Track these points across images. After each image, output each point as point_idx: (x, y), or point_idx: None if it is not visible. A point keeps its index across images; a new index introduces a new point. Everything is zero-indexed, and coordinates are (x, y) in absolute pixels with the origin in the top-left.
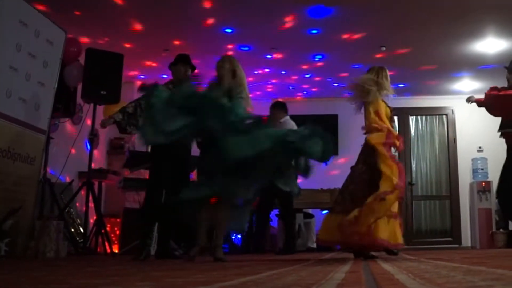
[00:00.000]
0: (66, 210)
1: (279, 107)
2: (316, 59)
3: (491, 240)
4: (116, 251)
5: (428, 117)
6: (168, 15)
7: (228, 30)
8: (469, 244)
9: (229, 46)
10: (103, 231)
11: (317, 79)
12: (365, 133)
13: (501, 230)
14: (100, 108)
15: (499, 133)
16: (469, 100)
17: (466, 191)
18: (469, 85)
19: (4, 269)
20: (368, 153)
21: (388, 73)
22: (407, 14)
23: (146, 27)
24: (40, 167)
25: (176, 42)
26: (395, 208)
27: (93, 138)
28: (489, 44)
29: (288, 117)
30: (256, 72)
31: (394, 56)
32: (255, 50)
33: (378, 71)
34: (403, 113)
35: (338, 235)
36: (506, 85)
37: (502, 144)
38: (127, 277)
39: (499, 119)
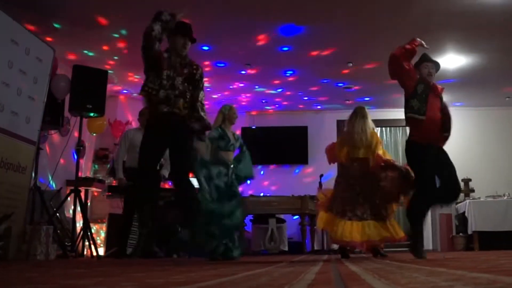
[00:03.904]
0: (55, 216)
1: None
2: (288, 74)
3: (451, 243)
4: (102, 254)
5: (392, 128)
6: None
7: (205, 48)
8: (430, 247)
9: (206, 63)
10: (89, 235)
11: (288, 93)
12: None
13: (460, 234)
14: (85, 121)
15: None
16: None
17: None
18: None
19: None
20: None
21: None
22: (373, 33)
23: (129, 44)
24: (30, 176)
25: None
26: None
27: (80, 149)
28: (450, 60)
29: None
30: (231, 87)
31: (360, 71)
32: (230, 66)
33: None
34: None
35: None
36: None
37: (461, 154)
38: (112, 278)
39: (458, 131)
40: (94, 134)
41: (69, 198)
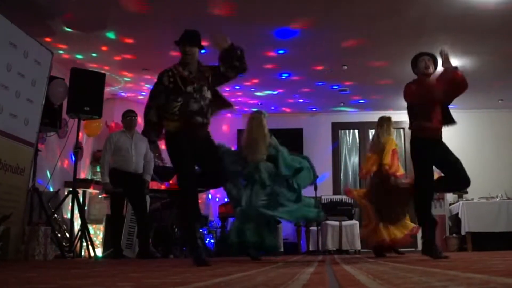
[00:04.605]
0: (53, 217)
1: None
2: (283, 77)
3: (445, 244)
4: (99, 255)
5: None
6: (146, 36)
7: (202, 51)
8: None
9: None
10: (87, 236)
11: (283, 95)
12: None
13: (453, 235)
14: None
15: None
16: None
17: None
18: None
19: None
20: None
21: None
22: (367, 36)
23: (127, 48)
24: (29, 177)
25: (154, 62)
26: None
27: (77, 151)
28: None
29: None
30: (227, 90)
31: (355, 74)
32: None
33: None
34: (364, 127)
35: None
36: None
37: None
38: (109, 278)
39: (451, 133)
40: (90, 137)
41: (67, 199)
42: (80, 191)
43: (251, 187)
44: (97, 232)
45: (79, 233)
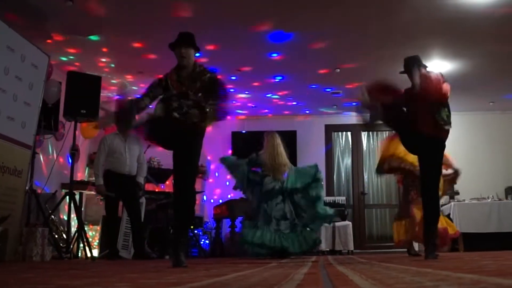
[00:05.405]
0: (50, 218)
1: None
2: (277, 80)
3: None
4: (96, 255)
5: (379, 133)
6: (142, 39)
7: (197, 54)
8: (416, 249)
9: None
10: (83, 237)
11: (277, 98)
12: None
13: None
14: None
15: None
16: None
17: None
18: None
19: None
20: None
21: None
22: (360, 40)
23: (123, 50)
24: (26, 179)
25: (149, 65)
26: None
27: (74, 153)
28: (435, 66)
29: None
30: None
31: (348, 76)
32: (221, 72)
33: None
34: (356, 130)
35: None
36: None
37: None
38: (106, 278)
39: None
40: (87, 139)
41: (64, 201)
42: (77, 192)
43: (283, 200)
44: (93, 233)
45: (76, 234)
